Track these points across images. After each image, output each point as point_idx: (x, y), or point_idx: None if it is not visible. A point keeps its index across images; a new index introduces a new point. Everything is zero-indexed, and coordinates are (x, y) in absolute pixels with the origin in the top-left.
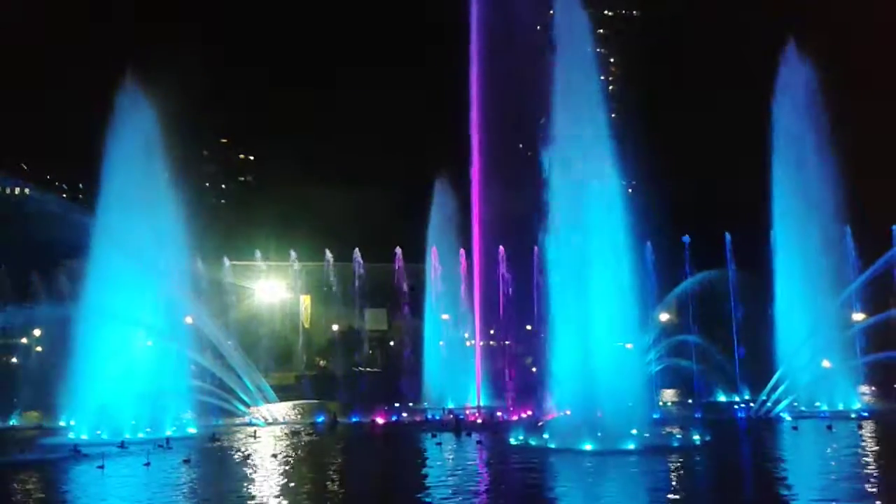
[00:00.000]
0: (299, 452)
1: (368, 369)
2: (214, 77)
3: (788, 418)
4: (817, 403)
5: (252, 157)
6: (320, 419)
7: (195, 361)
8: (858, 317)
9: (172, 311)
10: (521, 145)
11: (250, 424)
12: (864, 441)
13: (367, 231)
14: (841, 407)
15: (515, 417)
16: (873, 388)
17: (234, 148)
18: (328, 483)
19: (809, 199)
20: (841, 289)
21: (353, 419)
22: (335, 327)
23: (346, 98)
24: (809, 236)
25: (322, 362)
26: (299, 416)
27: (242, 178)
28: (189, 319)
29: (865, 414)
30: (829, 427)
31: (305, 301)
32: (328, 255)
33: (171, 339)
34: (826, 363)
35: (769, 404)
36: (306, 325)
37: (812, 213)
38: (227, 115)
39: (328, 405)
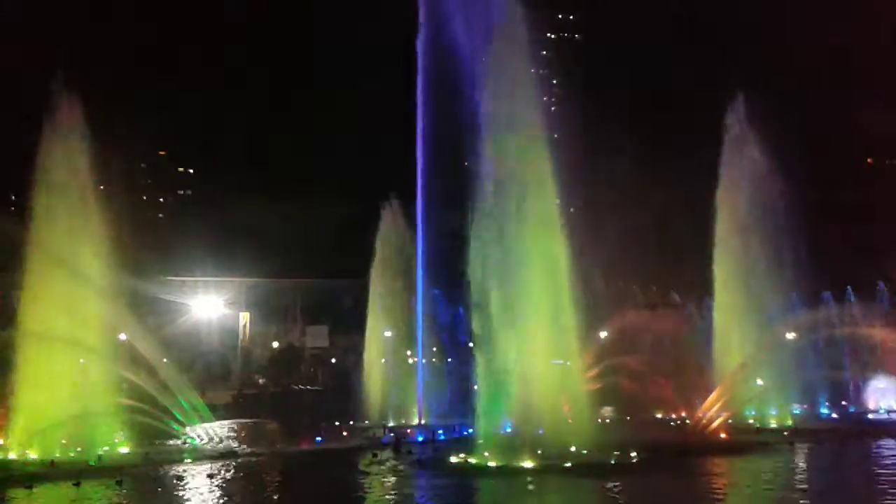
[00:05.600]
0: (237, 472)
1: (309, 387)
2: (154, 87)
3: (724, 436)
4: (751, 420)
5: (191, 171)
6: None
7: (128, 380)
8: (791, 336)
9: (106, 328)
10: (466, 163)
11: (185, 444)
12: (796, 457)
13: (308, 246)
14: (774, 424)
15: (456, 436)
16: (804, 406)
17: (172, 161)
18: (268, 501)
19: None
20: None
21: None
22: (275, 344)
23: (289, 113)
24: (750, 260)
25: (261, 380)
26: (236, 436)
27: (181, 192)
28: (123, 336)
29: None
30: (765, 444)
31: (244, 318)
32: None
33: (104, 357)
34: (759, 381)
35: (704, 421)
36: (245, 342)
37: (755, 235)
38: (166, 128)
39: (267, 424)
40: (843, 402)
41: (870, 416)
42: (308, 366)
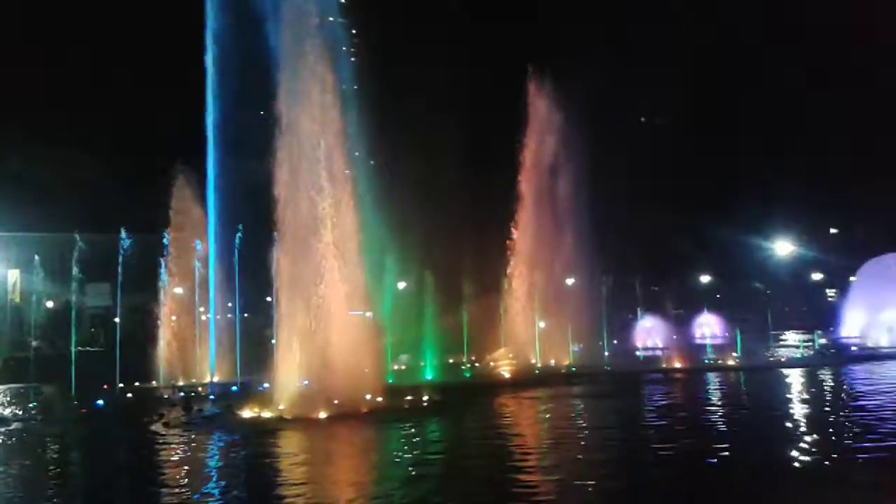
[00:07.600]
0: (7, 439)
1: (89, 348)
2: None
3: (507, 376)
4: (532, 360)
5: None
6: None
7: None
8: (570, 281)
9: None
10: (262, 112)
11: None
12: (573, 392)
13: (90, 199)
14: (553, 364)
15: (252, 392)
16: (581, 346)
17: None
18: (46, 465)
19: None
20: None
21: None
22: (50, 304)
23: (81, 59)
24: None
25: (35, 342)
26: (6, 402)
27: None
28: None
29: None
30: (543, 381)
31: (13, 276)
32: None
33: None
34: (541, 324)
35: (491, 364)
36: (15, 302)
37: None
38: None
39: (42, 389)
40: (616, 341)
41: (638, 353)
42: (88, 326)
